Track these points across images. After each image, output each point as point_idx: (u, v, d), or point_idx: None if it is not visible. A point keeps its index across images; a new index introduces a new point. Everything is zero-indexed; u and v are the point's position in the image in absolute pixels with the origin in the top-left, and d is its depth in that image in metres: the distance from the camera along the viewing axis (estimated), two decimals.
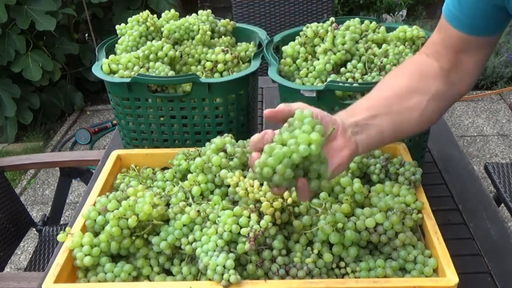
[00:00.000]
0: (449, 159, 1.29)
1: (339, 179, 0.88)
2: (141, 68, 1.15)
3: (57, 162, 1.84)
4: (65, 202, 1.94)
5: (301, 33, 1.18)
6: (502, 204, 1.81)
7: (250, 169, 0.90)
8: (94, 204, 0.88)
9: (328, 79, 1.07)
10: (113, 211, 0.83)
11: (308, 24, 1.18)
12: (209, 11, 1.33)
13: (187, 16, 1.30)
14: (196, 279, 0.81)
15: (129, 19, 1.28)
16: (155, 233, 0.85)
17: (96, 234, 0.85)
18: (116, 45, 1.28)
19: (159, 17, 1.32)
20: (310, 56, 1.16)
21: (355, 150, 0.75)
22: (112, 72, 1.17)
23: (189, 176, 0.93)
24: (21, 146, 3.23)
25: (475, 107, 3.36)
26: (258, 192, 0.82)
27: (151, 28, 1.26)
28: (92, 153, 2.19)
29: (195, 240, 0.81)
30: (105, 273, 0.81)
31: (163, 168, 1.03)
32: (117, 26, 1.30)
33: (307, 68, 1.14)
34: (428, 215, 0.85)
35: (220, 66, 1.18)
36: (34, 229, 1.82)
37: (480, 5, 0.80)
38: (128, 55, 1.17)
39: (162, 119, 1.14)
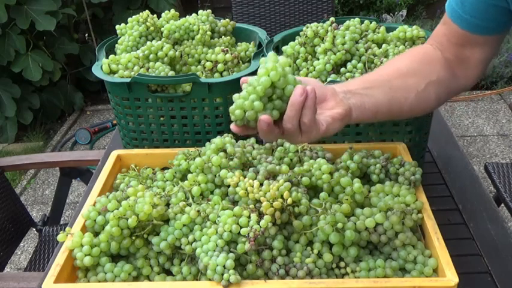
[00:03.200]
0: (449, 159, 1.29)
1: (339, 179, 0.88)
2: (141, 68, 1.15)
3: (57, 162, 1.83)
4: (65, 202, 1.94)
5: (301, 33, 1.18)
6: (502, 204, 1.81)
7: (250, 169, 0.90)
8: (94, 204, 0.88)
9: (328, 79, 1.07)
10: (113, 211, 0.83)
11: (308, 24, 1.18)
12: (209, 11, 1.33)
13: (187, 16, 1.30)
14: (196, 279, 0.81)
15: (129, 19, 1.28)
16: (155, 233, 0.85)
17: (96, 234, 0.85)
18: (116, 45, 1.28)
19: (159, 17, 1.32)
20: (310, 56, 1.16)
21: (349, 111, 0.76)
22: (112, 72, 1.17)
23: (189, 176, 0.93)
24: (21, 146, 3.23)
25: (475, 107, 3.36)
26: (258, 192, 0.82)
27: (151, 28, 1.26)
28: (92, 153, 2.19)
29: (195, 240, 0.81)
30: (105, 273, 0.81)
31: (163, 168, 1.03)
32: (117, 26, 1.30)
33: (307, 68, 1.14)
34: (428, 215, 0.85)
35: (220, 66, 1.18)
36: (34, 229, 1.82)
37: (482, 6, 0.80)
38: (127, 55, 1.17)
39: (162, 119, 1.14)
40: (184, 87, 1.12)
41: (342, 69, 1.11)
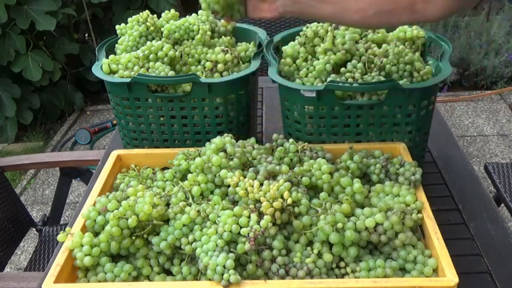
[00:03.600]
0: (449, 159, 1.29)
1: (339, 179, 0.88)
2: (141, 68, 1.15)
3: (57, 162, 1.83)
4: (65, 202, 1.94)
5: (301, 33, 1.18)
6: (502, 204, 1.81)
7: (250, 169, 0.90)
8: (94, 204, 0.88)
9: (328, 79, 1.07)
10: (113, 211, 0.83)
11: (308, 24, 1.18)
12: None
13: (187, 16, 1.29)
14: (196, 279, 0.81)
15: (129, 19, 1.28)
16: (155, 233, 0.85)
17: (96, 234, 0.85)
18: (116, 45, 1.28)
19: (159, 17, 1.32)
20: (310, 56, 1.16)
21: (276, 17, 0.93)
22: (112, 72, 1.17)
23: (189, 176, 0.93)
24: (21, 146, 3.23)
25: (475, 107, 3.36)
26: (258, 192, 0.82)
27: (151, 28, 1.26)
28: (92, 153, 2.19)
29: (195, 240, 0.81)
30: (105, 273, 0.81)
31: (163, 168, 1.03)
32: (117, 26, 1.30)
33: (307, 68, 1.14)
34: (428, 215, 0.85)
35: (220, 66, 1.18)
36: (34, 229, 1.82)
37: None
38: (127, 55, 1.17)
39: (162, 119, 1.14)
40: (184, 87, 1.12)
41: (342, 69, 1.11)
